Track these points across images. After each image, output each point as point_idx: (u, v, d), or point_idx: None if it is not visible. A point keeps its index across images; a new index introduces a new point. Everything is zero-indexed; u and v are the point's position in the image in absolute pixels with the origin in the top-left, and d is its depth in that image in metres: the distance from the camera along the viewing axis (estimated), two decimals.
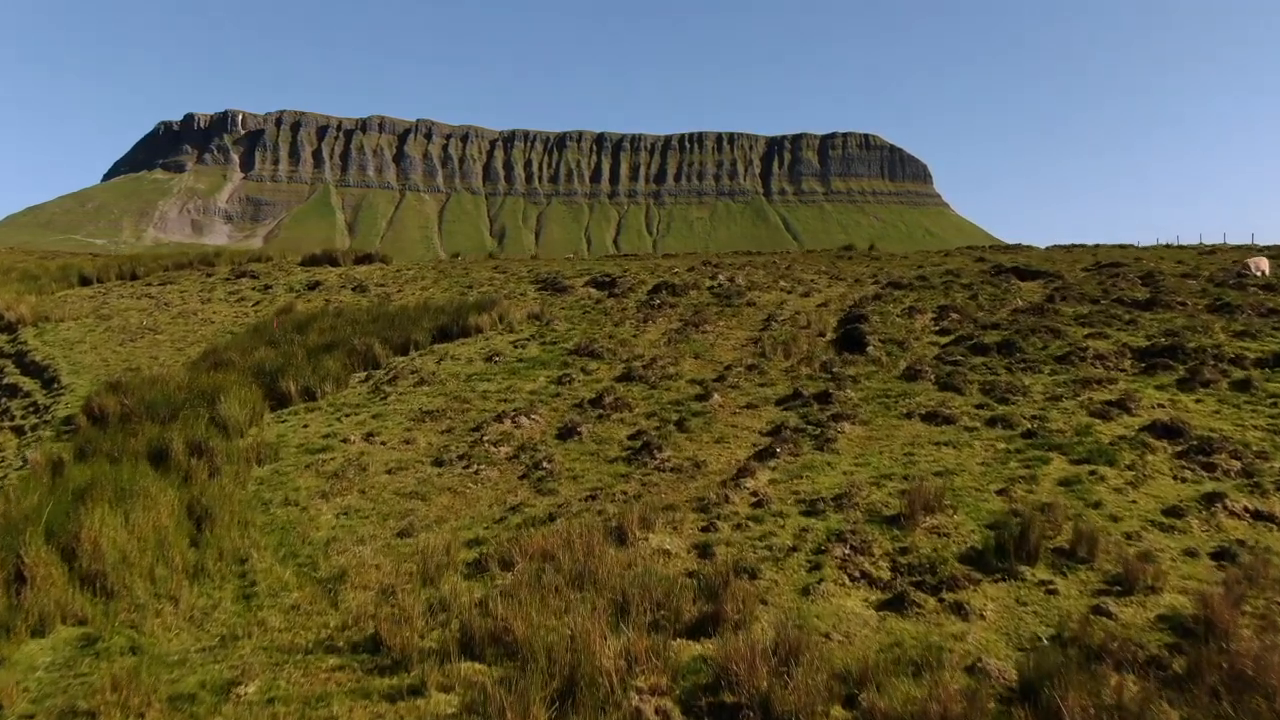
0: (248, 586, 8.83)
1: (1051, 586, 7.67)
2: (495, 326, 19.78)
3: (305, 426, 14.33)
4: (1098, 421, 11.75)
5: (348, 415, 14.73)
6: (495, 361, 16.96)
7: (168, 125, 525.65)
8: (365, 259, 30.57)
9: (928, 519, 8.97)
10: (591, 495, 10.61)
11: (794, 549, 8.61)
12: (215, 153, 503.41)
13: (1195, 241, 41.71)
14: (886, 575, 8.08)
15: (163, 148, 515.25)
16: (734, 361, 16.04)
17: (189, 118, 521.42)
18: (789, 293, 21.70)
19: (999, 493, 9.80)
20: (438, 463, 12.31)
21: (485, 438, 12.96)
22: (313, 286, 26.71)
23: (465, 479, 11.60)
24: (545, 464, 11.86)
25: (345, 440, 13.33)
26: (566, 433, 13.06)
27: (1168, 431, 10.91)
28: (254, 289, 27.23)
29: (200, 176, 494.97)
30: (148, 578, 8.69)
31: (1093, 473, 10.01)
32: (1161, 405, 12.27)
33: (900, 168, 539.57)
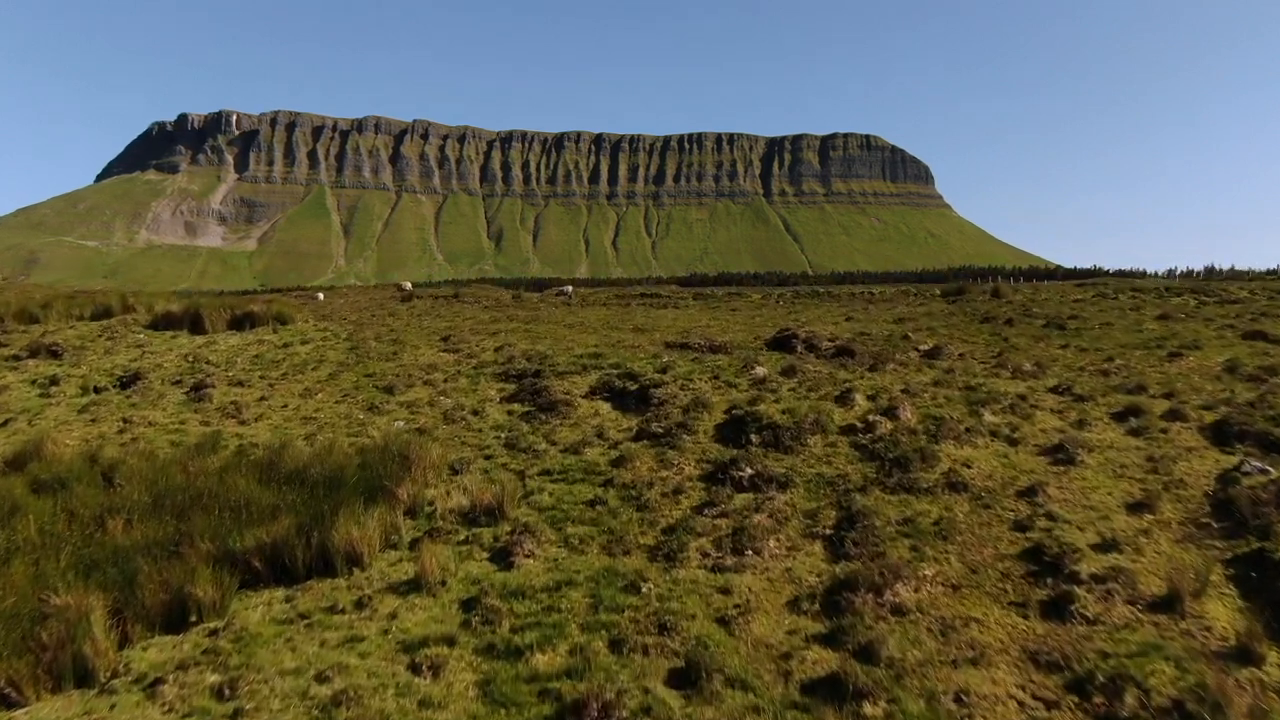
0: None
1: None
2: (397, 544, 8.75)
3: None
4: None
5: None
6: None
7: (161, 126, 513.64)
8: (245, 320, 19.32)
9: None
10: None
11: None
12: (209, 153, 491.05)
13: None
14: None
15: (156, 148, 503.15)
16: None
17: (183, 118, 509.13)
18: (1013, 441, 10.56)
19: None
20: None
21: None
22: (128, 382, 15.62)
23: None
24: None
25: None
26: None
27: None
28: (33, 381, 16.15)
29: (194, 177, 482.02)
30: None
31: None
32: None
33: (901, 169, 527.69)
